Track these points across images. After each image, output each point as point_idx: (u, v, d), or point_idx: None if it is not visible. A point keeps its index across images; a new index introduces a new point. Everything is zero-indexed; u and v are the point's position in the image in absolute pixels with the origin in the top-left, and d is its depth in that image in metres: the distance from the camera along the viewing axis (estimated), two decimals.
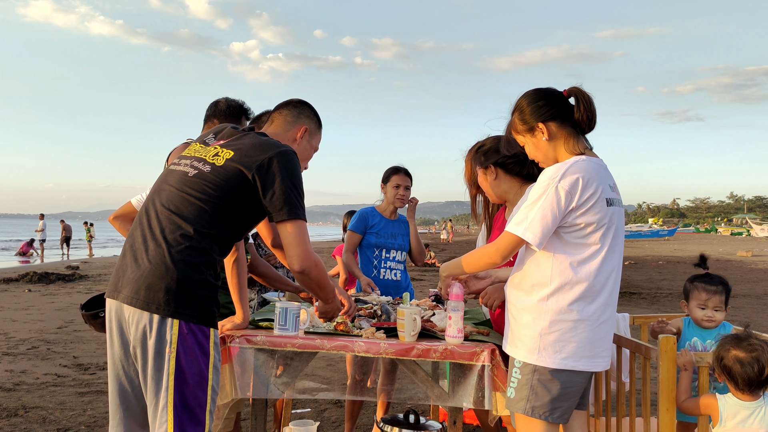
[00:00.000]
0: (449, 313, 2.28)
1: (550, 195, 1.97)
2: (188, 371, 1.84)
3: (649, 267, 19.50)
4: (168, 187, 1.98)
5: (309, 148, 2.31)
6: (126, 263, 1.92)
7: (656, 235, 50.77)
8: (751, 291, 12.62)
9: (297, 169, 2.02)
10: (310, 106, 2.34)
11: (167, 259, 1.84)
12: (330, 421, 4.16)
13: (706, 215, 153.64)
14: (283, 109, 2.30)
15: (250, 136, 2.08)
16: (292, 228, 1.98)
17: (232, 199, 1.94)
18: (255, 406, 2.47)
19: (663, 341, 2.22)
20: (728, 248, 31.34)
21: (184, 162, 2.04)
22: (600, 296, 2.03)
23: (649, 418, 2.36)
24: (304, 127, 2.27)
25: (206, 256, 1.90)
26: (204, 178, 1.95)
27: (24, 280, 12.70)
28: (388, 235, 3.87)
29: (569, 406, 2.04)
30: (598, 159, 2.09)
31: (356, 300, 3.16)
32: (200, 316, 1.87)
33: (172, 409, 1.81)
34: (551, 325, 2.02)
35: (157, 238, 1.88)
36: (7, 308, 9.11)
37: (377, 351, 2.25)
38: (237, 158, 1.97)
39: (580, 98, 2.07)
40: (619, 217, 2.08)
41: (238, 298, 2.36)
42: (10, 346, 6.34)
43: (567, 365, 2.01)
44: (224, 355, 2.29)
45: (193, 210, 1.90)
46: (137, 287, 1.84)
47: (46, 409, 4.24)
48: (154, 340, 1.82)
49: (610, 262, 2.04)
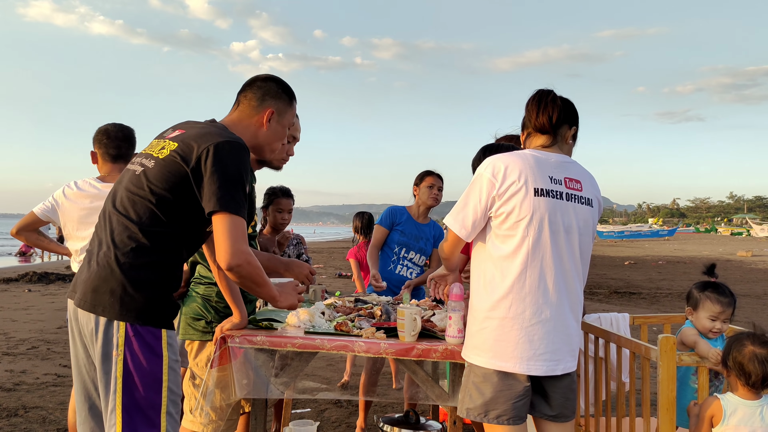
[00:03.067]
0: (449, 313, 2.29)
1: (475, 184, 2.02)
2: (137, 373, 1.81)
3: (649, 267, 19.50)
4: (121, 188, 1.94)
5: (280, 128, 2.19)
6: (83, 265, 1.91)
7: (656, 235, 50.77)
8: (751, 291, 12.62)
9: (237, 161, 1.88)
10: (277, 82, 2.19)
11: (113, 262, 1.81)
12: (330, 421, 4.16)
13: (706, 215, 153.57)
14: (247, 92, 2.16)
15: (199, 126, 1.98)
16: (223, 220, 1.83)
17: (175, 193, 1.86)
18: (255, 406, 2.47)
19: (663, 341, 2.22)
20: (728, 248, 31.33)
21: (136, 160, 1.99)
22: (532, 294, 1.94)
23: (649, 418, 2.36)
24: (270, 110, 2.13)
25: (155, 256, 1.85)
26: (147, 175, 1.88)
27: (24, 280, 12.70)
28: (413, 236, 3.96)
29: (507, 407, 1.93)
30: (547, 152, 2.05)
31: (356, 300, 3.17)
32: (148, 317, 1.83)
33: (120, 412, 1.79)
34: (481, 323, 2.00)
35: (107, 240, 1.86)
36: (7, 308, 9.11)
37: (377, 351, 2.25)
38: (178, 150, 1.89)
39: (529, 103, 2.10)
40: (562, 210, 1.98)
41: (231, 299, 2.32)
42: (10, 346, 6.33)
43: (495, 365, 1.95)
44: (225, 356, 2.30)
45: (139, 209, 1.85)
46: (86, 290, 1.83)
47: (46, 409, 4.24)
48: (101, 343, 1.81)
49: (544, 258, 1.95)
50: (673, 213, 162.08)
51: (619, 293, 11.96)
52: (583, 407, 2.86)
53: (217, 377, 2.33)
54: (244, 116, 2.14)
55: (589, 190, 2.07)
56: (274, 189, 3.77)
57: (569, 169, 2.05)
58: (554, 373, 1.97)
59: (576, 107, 2.14)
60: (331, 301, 3.09)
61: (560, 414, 2.03)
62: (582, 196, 2.04)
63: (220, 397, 2.35)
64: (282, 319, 2.60)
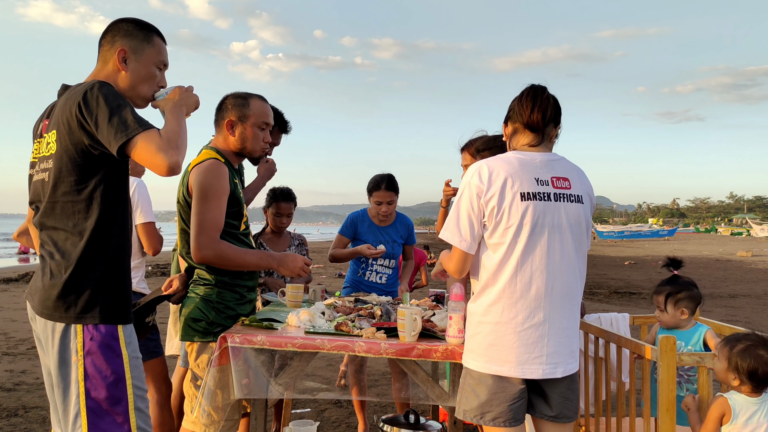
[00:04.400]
0: (450, 313, 2.28)
1: (464, 193, 1.99)
2: (99, 375, 1.80)
3: (649, 267, 19.50)
4: (40, 199, 1.89)
5: (142, 68, 1.97)
6: (38, 270, 1.91)
7: (656, 235, 50.79)
8: (751, 291, 12.62)
9: (109, 94, 1.76)
10: (128, 21, 2.01)
11: (61, 267, 1.82)
12: (330, 421, 4.16)
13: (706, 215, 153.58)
14: (101, 41, 2.00)
15: (58, 104, 1.87)
16: (143, 141, 1.71)
17: (87, 175, 1.81)
18: (255, 406, 2.47)
19: (663, 341, 2.23)
20: (728, 248, 31.34)
21: (37, 168, 1.93)
22: (523, 298, 1.93)
23: (649, 418, 2.36)
24: (120, 50, 1.94)
25: (96, 255, 1.84)
26: (57, 178, 1.83)
27: (24, 280, 12.73)
28: (377, 243, 3.77)
29: (502, 410, 1.94)
30: (532, 153, 2.02)
31: (356, 300, 3.17)
32: (104, 316, 1.82)
33: (85, 415, 1.78)
34: (475, 328, 2.01)
35: (51, 248, 1.85)
36: (7, 308, 9.11)
37: (377, 351, 2.25)
38: (59, 134, 1.81)
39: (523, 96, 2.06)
40: (551, 211, 1.95)
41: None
42: (10, 346, 6.34)
43: (490, 369, 1.95)
44: (225, 356, 2.29)
45: (68, 210, 1.83)
46: (41, 297, 1.84)
47: (46, 409, 4.24)
48: (57, 348, 1.81)
49: (534, 261, 1.94)
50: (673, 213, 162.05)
51: (619, 293, 11.97)
52: (583, 407, 2.86)
53: (217, 377, 2.33)
54: (101, 66, 1.98)
55: (578, 187, 2.03)
56: (275, 191, 3.71)
57: (555, 168, 2.02)
58: (554, 376, 1.96)
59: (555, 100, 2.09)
60: (331, 301, 3.09)
61: (560, 414, 2.02)
62: (571, 194, 2.00)
63: (220, 397, 2.35)
64: (282, 319, 2.60)
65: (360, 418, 3.78)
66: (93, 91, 1.77)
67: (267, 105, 2.61)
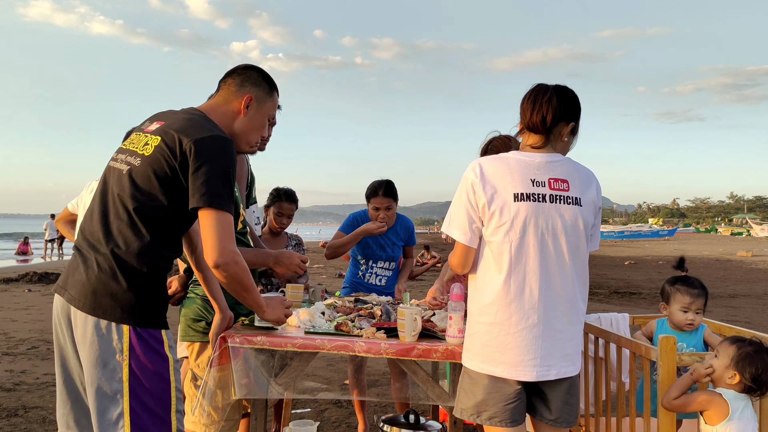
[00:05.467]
0: (450, 313, 2.29)
1: (462, 188, 2.00)
2: (144, 377, 1.80)
3: (649, 267, 19.50)
4: (109, 189, 1.90)
5: (258, 117, 2.12)
6: (73, 263, 1.88)
7: (656, 235, 50.78)
8: (751, 291, 12.62)
9: (227, 156, 1.85)
10: (258, 71, 2.15)
11: (114, 265, 1.80)
12: (330, 421, 4.16)
13: (706, 215, 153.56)
14: (227, 79, 2.12)
15: (179, 118, 1.93)
16: (210, 217, 1.80)
17: (164, 192, 1.83)
18: (255, 406, 2.47)
19: (663, 341, 2.23)
20: (728, 248, 31.33)
21: (121, 157, 1.94)
22: (517, 300, 1.92)
23: (649, 418, 2.36)
24: (249, 96, 2.07)
25: (152, 258, 1.84)
26: (137, 175, 1.85)
27: (24, 280, 12.70)
28: (378, 246, 3.77)
29: (498, 410, 1.94)
30: (532, 153, 2.01)
31: (356, 300, 3.17)
32: (150, 319, 1.83)
33: (128, 416, 1.78)
34: (471, 327, 2.02)
35: (103, 242, 1.83)
36: (7, 308, 9.10)
37: (378, 351, 2.25)
38: (162, 145, 1.84)
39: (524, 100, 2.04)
40: (545, 213, 1.94)
41: (211, 293, 2.27)
42: (10, 346, 6.33)
43: (484, 369, 1.96)
44: (225, 356, 2.30)
45: (133, 212, 1.83)
46: (84, 291, 1.80)
47: (46, 409, 4.24)
48: (97, 345, 1.79)
49: (527, 263, 1.93)
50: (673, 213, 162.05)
51: (619, 293, 11.96)
52: (583, 407, 2.86)
53: (218, 377, 2.33)
54: (222, 102, 2.08)
55: (577, 189, 2.00)
56: (279, 191, 3.70)
57: (556, 169, 2.00)
58: (546, 379, 1.94)
59: (577, 100, 2.05)
60: (331, 301, 3.09)
61: (559, 418, 2.01)
62: (568, 196, 1.98)
63: (221, 398, 2.36)
64: None
65: (360, 418, 3.78)
66: (214, 142, 1.84)
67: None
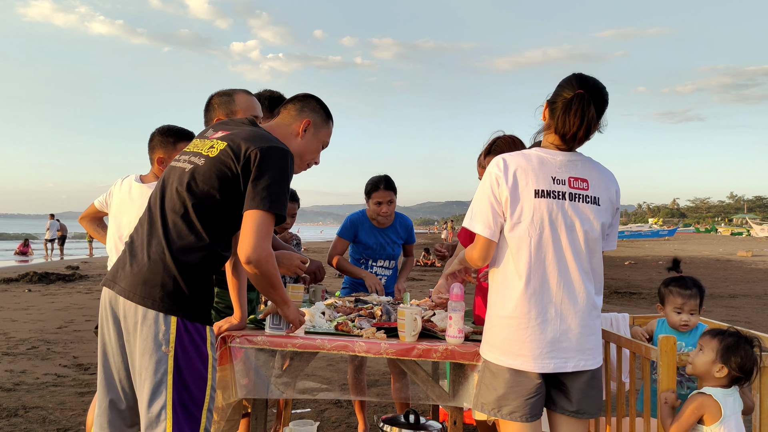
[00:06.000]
0: (449, 313, 2.28)
1: (485, 182, 2.02)
2: (185, 370, 1.83)
3: (649, 267, 19.50)
4: (170, 185, 1.98)
5: (314, 141, 2.26)
6: (125, 256, 1.94)
7: (656, 235, 50.78)
8: (751, 291, 12.62)
9: (288, 167, 1.97)
10: (317, 100, 2.32)
11: (166, 257, 1.85)
12: (330, 421, 4.16)
13: (706, 215, 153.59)
14: (288, 104, 2.29)
15: (246, 129, 2.06)
16: (254, 217, 1.88)
17: (223, 192, 1.92)
18: (255, 406, 2.47)
19: (663, 341, 2.22)
20: (728, 248, 31.34)
21: (183, 158, 2.04)
22: (536, 295, 1.96)
23: (649, 418, 2.35)
24: (307, 120, 2.24)
25: (205, 253, 1.90)
26: (199, 173, 1.93)
27: (24, 280, 12.70)
28: (377, 245, 3.78)
29: (519, 404, 1.96)
30: (554, 152, 2.02)
31: (356, 300, 3.17)
32: (196, 314, 1.87)
33: (170, 409, 1.80)
34: (492, 321, 2.04)
35: (158, 234, 1.89)
36: (7, 308, 9.11)
37: (378, 351, 2.25)
38: (228, 149, 1.95)
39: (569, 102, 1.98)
40: (564, 211, 1.98)
41: (237, 298, 2.34)
42: (10, 346, 6.33)
43: (504, 362, 1.98)
44: (225, 356, 2.29)
45: (192, 205, 1.90)
46: (135, 282, 1.85)
47: (46, 409, 4.24)
48: (146, 335, 1.82)
49: (547, 259, 1.97)
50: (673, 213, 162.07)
51: (619, 293, 11.97)
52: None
53: (218, 377, 2.33)
54: (283, 124, 2.23)
55: (596, 189, 2.04)
56: None
57: (576, 168, 2.03)
58: (564, 371, 1.99)
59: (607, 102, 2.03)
60: (331, 301, 3.09)
61: (581, 410, 2.04)
62: (587, 195, 2.02)
63: (220, 397, 2.35)
64: None
65: (360, 418, 3.78)
66: (278, 153, 1.95)
67: (252, 97, 2.61)
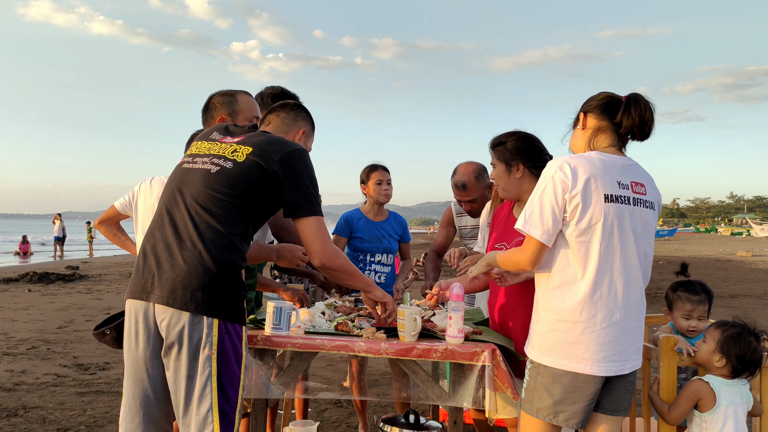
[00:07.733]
0: (450, 313, 2.28)
1: (548, 186, 1.97)
2: (224, 372, 1.84)
3: None
4: (191, 186, 1.97)
5: (306, 148, 2.31)
6: (152, 264, 1.90)
7: (656, 235, 50.69)
8: (751, 291, 12.62)
9: (310, 167, 2.09)
10: (306, 109, 2.43)
11: (204, 258, 1.84)
12: (330, 421, 4.17)
13: (706, 215, 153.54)
14: (280, 111, 2.35)
15: (262, 134, 2.12)
16: (310, 224, 2.05)
17: (255, 193, 1.98)
18: (255, 406, 2.47)
19: (663, 341, 2.23)
20: (728, 248, 31.34)
21: (201, 160, 2.04)
22: (603, 299, 1.95)
23: (649, 418, 2.36)
24: (302, 130, 2.35)
25: (238, 253, 1.93)
26: (228, 175, 1.96)
27: (24, 280, 12.70)
28: (374, 238, 3.79)
29: (576, 410, 1.97)
30: (613, 156, 2.03)
31: (356, 300, 3.17)
32: (235, 315, 1.89)
33: (217, 411, 1.81)
34: (551, 325, 2.01)
35: (191, 237, 1.88)
36: (7, 308, 9.11)
37: (377, 351, 2.25)
38: (257, 153, 2.00)
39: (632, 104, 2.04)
40: (630, 215, 1.99)
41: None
42: (10, 346, 6.34)
43: (566, 366, 1.97)
44: None
45: (222, 207, 1.92)
46: (173, 287, 1.83)
47: (46, 409, 4.24)
48: (192, 340, 1.82)
49: (614, 263, 1.96)
50: (673, 213, 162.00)
51: None
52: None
53: None
54: (280, 131, 2.29)
55: (651, 194, 2.07)
56: None
57: (633, 173, 2.05)
58: (622, 373, 2.00)
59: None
60: (331, 301, 3.09)
61: (620, 407, 2.06)
62: (646, 200, 2.04)
63: None
64: None
65: (360, 418, 3.78)
66: (301, 155, 2.07)
67: (252, 99, 2.65)
